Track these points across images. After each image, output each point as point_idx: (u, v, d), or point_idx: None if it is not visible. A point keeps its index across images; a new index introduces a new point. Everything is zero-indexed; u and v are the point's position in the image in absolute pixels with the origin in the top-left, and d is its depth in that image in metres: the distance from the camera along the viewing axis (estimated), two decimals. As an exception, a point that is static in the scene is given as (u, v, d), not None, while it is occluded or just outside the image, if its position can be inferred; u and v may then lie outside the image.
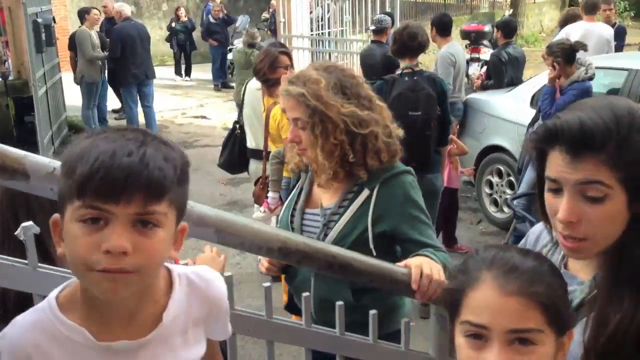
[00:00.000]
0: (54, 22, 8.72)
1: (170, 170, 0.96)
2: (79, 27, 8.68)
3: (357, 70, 10.94)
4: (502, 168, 5.45)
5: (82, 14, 8.74)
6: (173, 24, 12.51)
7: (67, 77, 9.14)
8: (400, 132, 1.95)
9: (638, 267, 1.08)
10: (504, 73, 5.99)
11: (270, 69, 3.87)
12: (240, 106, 4.58)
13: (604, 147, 1.05)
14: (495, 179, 5.55)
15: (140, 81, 8.42)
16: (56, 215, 0.98)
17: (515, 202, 4.07)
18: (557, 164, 1.09)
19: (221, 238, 1.35)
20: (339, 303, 1.57)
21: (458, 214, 5.27)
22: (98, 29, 8.81)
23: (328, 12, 11.08)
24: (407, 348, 1.66)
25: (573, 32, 5.93)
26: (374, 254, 1.75)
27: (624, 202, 1.07)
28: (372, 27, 6.52)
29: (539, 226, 1.39)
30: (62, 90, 9.12)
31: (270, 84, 3.87)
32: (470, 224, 5.72)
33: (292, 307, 2.08)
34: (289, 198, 2.05)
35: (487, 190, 5.65)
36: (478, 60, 10.15)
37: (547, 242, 1.33)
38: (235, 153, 4.43)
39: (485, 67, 6.90)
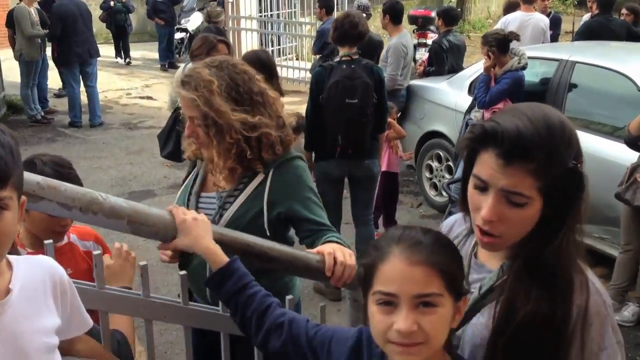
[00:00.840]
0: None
1: (9, 155, 1.05)
2: (17, 3, 8.34)
3: (307, 51, 11.01)
4: (441, 153, 5.60)
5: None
6: (112, 3, 11.75)
7: (5, 54, 8.82)
8: (292, 119, 2.03)
9: (542, 264, 1.18)
10: (444, 60, 6.11)
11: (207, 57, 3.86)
12: None
13: (535, 158, 1.12)
14: (434, 164, 5.69)
15: (83, 60, 8.18)
16: None
17: (452, 186, 4.20)
18: (488, 166, 1.16)
19: (134, 229, 1.37)
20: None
21: (399, 197, 5.39)
22: (37, 6, 8.49)
23: (277, -9, 11.00)
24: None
25: (511, 22, 6.12)
26: (268, 234, 1.83)
27: (539, 208, 1.17)
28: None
29: (452, 218, 1.48)
30: (0, 68, 8.80)
31: None
32: (410, 207, 5.85)
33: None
34: (184, 183, 2.11)
35: (427, 174, 5.80)
36: (425, 45, 10.27)
37: (459, 233, 1.41)
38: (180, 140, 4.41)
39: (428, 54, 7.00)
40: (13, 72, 9.22)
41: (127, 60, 12.38)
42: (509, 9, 6.92)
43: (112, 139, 7.86)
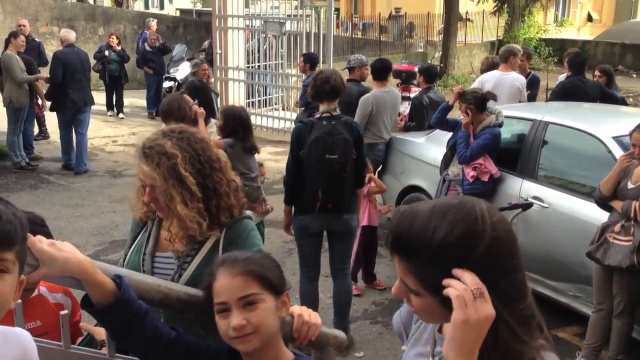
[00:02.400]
0: (-19, 44, 8.51)
1: (19, 226, 1.10)
2: (3, 52, 8.43)
3: (292, 101, 11.20)
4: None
5: (9, 39, 8.56)
6: (106, 52, 11.54)
7: (-9, 100, 8.89)
8: (239, 180, 2.10)
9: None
10: (424, 116, 6.27)
11: (181, 117, 4.02)
12: None
13: (415, 257, 1.15)
14: (414, 218, 5.75)
15: (78, 108, 8.32)
16: None
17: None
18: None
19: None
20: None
21: (378, 250, 5.43)
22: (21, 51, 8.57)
23: (264, 44, 11.26)
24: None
25: (487, 80, 6.31)
26: None
27: (433, 300, 1.16)
28: (346, 66, 6.72)
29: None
30: (-14, 114, 8.86)
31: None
32: (390, 261, 5.87)
33: None
34: (135, 242, 2.12)
35: (407, 228, 5.84)
36: (409, 99, 10.50)
37: None
38: None
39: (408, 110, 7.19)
40: (-1, 118, 9.29)
41: (120, 115, 11.97)
42: (488, 67, 7.13)
43: (96, 187, 7.87)
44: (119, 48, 11.74)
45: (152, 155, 1.91)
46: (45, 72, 8.98)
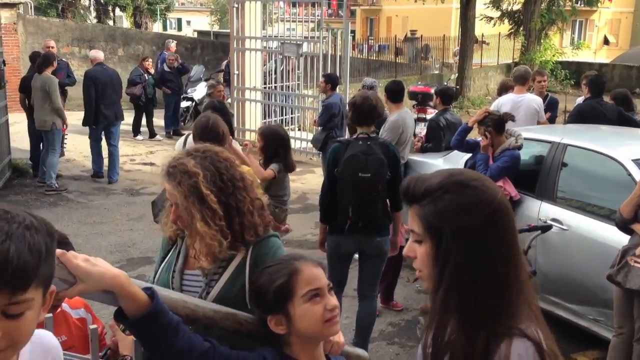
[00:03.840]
0: (4, 64, 8.69)
1: (36, 258, 1.04)
2: (37, 72, 8.29)
3: (309, 121, 11.29)
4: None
5: (34, 58, 8.73)
6: (145, 75, 11.55)
7: (13, 118, 9.05)
8: (265, 199, 2.13)
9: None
10: (441, 137, 6.28)
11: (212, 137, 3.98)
12: None
13: (417, 202, 1.33)
14: (431, 239, 5.73)
15: (110, 122, 8.84)
16: None
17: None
18: None
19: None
20: None
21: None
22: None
23: (281, 65, 11.38)
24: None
25: (503, 104, 6.32)
26: (249, 307, 1.88)
27: (431, 247, 1.32)
28: (362, 89, 6.78)
29: None
30: (8, 132, 9.01)
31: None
32: (407, 282, 5.86)
33: None
34: (165, 260, 2.15)
35: (424, 249, 5.83)
36: (425, 120, 10.53)
37: None
38: None
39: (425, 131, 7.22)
40: (19, 137, 9.44)
41: (158, 137, 11.98)
42: (502, 90, 7.15)
43: (114, 205, 7.95)
44: (152, 71, 11.88)
45: (175, 174, 1.95)
46: (72, 91, 9.27)
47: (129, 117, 12.17)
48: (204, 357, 1.57)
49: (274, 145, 4.58)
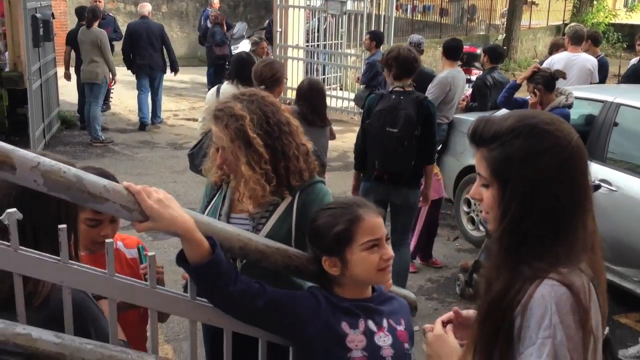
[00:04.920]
0: (53, 17, 8.82)
1: None
2: (86, 26, 8.36)
3: (350, 80, 11.19)
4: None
5: (81, 12, 8.83)
6: (209, 24, 11.33)
7: (60, 71, 9.24)
8: (310, 145, 2.12)
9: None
10: (487, 96, 6.16)
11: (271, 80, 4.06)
12: None
13: (486, 145, 1.30)
14: (473, 198, 5.69)
15: (147, 73, 9.22)
16: None
17: (487, 221, 4.22)
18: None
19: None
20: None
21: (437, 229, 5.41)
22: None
23: (324, 24, 11.25)
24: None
25: (556, 62, 6.13)
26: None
27: (498, 191, 1.29)
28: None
29: None
30: (57, 85, 9.21)
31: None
32: (447, 240, 5.86)
33: None
34: (211, 204, 2.17)
35: (465, 208, 5.80)
36: (469, 81, 10.32)
37: None
38: None
39: (471, 89, 7.07)
40: (67, 89, 9.64)
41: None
42: (553, 49, 6.94)
43: (158, 158, 8.11)
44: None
45: (222, 117, 1.95)
46: (118, 46, 9.53)
47: (183, 74, 12.13)
48: (256, 298, 1.62)
49: (306, 95, 4.40)
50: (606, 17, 22.26)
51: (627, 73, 6.48)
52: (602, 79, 7.12)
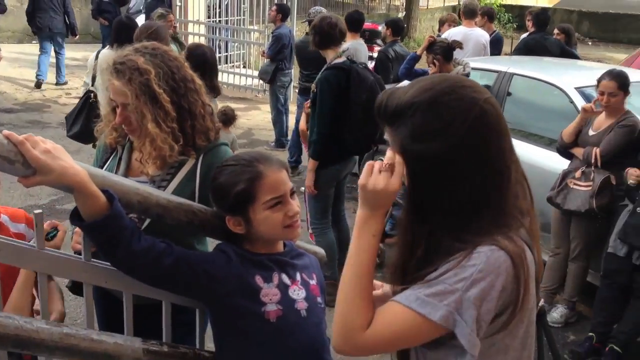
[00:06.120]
0: None
1: None
2: None
3: (254, 58, 11.01)
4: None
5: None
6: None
7: None
8: (214, 106, 2.05)
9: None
10: (390, 69, 6.25)
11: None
12: (93, 75, 4.68)
13: (389, 124, 1.23)
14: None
15: (49, 35, 9.69)
16: None
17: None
18: None
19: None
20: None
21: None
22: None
23: (226, -1, 10.98)
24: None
25: (453, 35, 6.32)
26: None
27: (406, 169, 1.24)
28: (307, 19, 6.58)
29: None
30: None
31: None
32: (353, 212, 5.92)
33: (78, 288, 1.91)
34: (105, 167, 2.03)
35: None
36: (371, 58, 10.45)
37: None
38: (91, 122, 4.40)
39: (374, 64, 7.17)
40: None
41: None
42: (440, 25, 7.23)
43: (49, 138, 7.38)
44: None
45: (124, 71, 1.80)
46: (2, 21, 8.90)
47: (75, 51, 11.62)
48: (162, 257, 1.52)
49: (196, 63, 4.32)
50: (498, -1, 23.32)
51: (518, 46, 6.81)
52: (497, 54, 7.43)
